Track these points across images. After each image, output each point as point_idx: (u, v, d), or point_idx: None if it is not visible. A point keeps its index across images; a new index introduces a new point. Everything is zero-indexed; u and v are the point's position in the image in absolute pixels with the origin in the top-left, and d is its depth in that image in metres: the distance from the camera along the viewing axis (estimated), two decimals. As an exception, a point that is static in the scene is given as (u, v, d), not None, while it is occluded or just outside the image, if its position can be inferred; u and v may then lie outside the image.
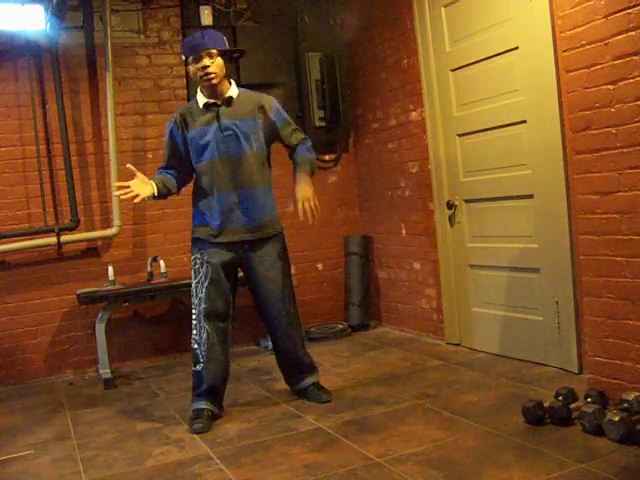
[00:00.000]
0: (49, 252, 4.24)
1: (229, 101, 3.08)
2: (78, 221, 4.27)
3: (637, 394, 2.50)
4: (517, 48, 3.44)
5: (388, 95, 4.57)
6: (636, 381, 2.65)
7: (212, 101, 3.07)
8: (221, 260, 3.07)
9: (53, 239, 4.17)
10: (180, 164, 3.15)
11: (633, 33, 2.52)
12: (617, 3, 2.57)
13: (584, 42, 2.73)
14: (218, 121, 3.04)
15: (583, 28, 2.73)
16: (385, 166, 4.70)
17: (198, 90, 3.13)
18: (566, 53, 2.85)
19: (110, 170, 4.29)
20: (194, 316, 3.06)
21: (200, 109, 3.08)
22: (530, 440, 2.51)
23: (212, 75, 2.99)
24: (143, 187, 2.96)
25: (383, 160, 4.72)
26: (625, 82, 2.58)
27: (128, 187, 2.94)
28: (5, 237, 4.08)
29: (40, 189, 4.20)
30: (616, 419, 2.37)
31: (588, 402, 2.63)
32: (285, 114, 3.22)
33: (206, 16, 4.53)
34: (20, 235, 4.12)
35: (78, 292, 4.08)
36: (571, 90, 2.84)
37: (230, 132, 3.04)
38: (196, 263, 3.10)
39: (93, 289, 4.11)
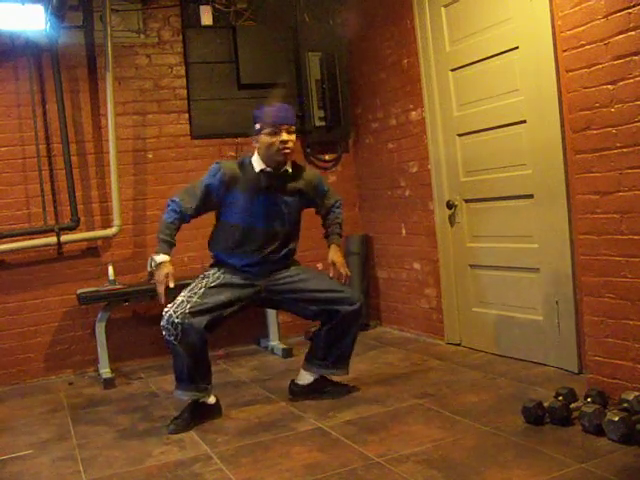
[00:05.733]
0: (49, 252, 4.24)
1: (285, 174, 3.14)
2: (78, 221, 4.26)
3: (637, 394, 2.50)
4: (517, 48, 3.44)
5: (388, 95, 4.57)
6: (636, 381, 2.65)
7: (269, 170, 3.10)
8: (238, 283, 3.14)
9: (53, 239, 4.17)
10: (197, 215, 3.16)
11: (633, 33, 2.52)
12: (617, 3, 2.57)
13: (584, 42, 2.73)
14: (270, 192, 3.10)
15: (583, 28, 2.73)
16: (385, 166, 4.70)
17: (256, 155, 3.13)
18: (566, 53, 2.85)
19: (110, 170, 4.29)
20: (175, 307, 2.96)
21: (255, 173, 3.10)
22: (530, 440, 2.51)
23: (289, 150, 3.06)
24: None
25: (383, 160, 4.72)
26: (625, 82, 2.58)
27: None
28: (5, 237, 4.07)
29: (40, 189, 4.20)
30: (616, 419, 2.37)
31: (588, 402, 2.63)
32: (325, 186, 3.39)
33: (206, 16, 4.53)
34: (20, 235, 4.12)
35: (78, 292, 4.08)
36: (571, 90, 2.84)
37: (278, 207, 3.13)
38: (210, 269, 3.21)
39: (93, 289, 4.11)
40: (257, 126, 3.08)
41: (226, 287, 3.10)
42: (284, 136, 3.02)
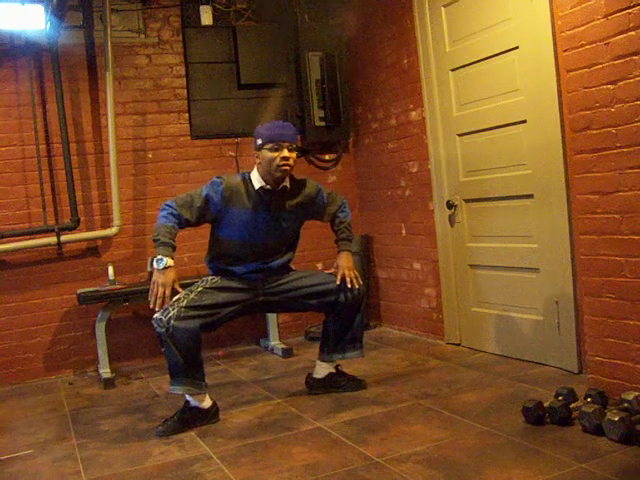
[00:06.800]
0: (49, 252, 4.24)
1: (283, 191, 3.17)
2: (78, 221, 4.27)
3: (637, 394, 2.50)
4: (517, 48, 3.44)
5: (388, 95, 4.57)
6: (636, 381, 2.66)
7: (269, 187, 3.13)
8: (236, 287, 3.16)
9: (53, 239, 4.17)
10: (194, 225, 3.19)
11: (633, 33, 2.52)
12: (617, 3, 2.57)
13: (584, 42, 2.73)
14: (270, 210, 3.14)
15: (583, 28, 2.73)
16: (385, 166, 4.70)
17: (255, 171, 3.15)
18: (566, 53, 2.85)
19: (110, 170, 4.29)
20: (172, 302, 2.94)
21: (254, 190, 3.13)
22: (530, 440, 2.51)
23: (289, 167, 3.09)
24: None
25: (383, 160, 4.72)
26: (625, 82, 2.58)
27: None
28: (5, 237, 4.07)
29: (40, 189, 4.20)
30: (616, 419, 2.37)
31: (588, 402, 2.63)
32: (325, 195, 3.35)
33: (206, 16, 4.53)
34: (20, 235, 4.12)
35: (78, 292, 4.08)
36: (571, 90, 2.84)
37: (277, 224, 3.18)
38: (208, 276, 3.23)
39: (93, 289, 4.11)
40: (259, 141, 3.10)
41: (224, 290, 3.13)
42: (285, 152, 3.06)
